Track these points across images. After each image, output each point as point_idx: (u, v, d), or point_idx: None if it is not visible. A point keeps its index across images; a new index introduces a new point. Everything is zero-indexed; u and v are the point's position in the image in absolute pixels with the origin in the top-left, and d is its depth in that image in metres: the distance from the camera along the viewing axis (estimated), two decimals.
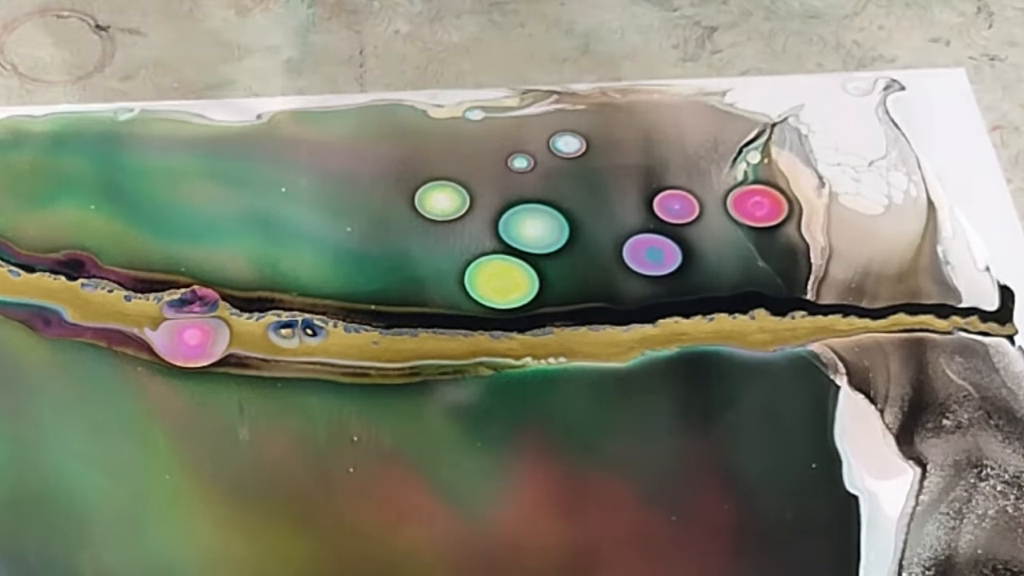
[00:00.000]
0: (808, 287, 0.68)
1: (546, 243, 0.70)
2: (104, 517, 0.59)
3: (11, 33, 0.79)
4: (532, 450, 0.62)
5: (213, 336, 0.66)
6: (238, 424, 0.62)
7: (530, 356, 0.65)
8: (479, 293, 0.68)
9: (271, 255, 0.69)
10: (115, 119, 0.75)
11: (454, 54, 0.78)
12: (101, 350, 0.65)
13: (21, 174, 0.73)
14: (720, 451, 0.61)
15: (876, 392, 0.64)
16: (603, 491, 0.60)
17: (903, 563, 0.58)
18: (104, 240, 0.70)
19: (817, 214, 0.71)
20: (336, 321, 0.66)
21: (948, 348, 0.65)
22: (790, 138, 0.74)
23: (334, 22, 0.80)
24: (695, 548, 0.58)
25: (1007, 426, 0.62)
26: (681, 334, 0.66)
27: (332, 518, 0.59)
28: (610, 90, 0.76)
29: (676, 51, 0.78)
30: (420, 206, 0.71)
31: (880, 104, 0.76)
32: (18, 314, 0.67)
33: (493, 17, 0.80)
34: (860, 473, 0.61)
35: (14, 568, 0.58)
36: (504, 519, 0.59)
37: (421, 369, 0.64)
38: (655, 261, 0.69)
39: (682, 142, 0.74)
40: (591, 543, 0.59)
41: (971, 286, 0.68)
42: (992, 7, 0.81)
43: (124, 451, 0.62)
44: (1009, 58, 0.78)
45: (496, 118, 0.75)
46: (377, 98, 0.76)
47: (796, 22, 0.80)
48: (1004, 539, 0.59)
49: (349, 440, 0.62)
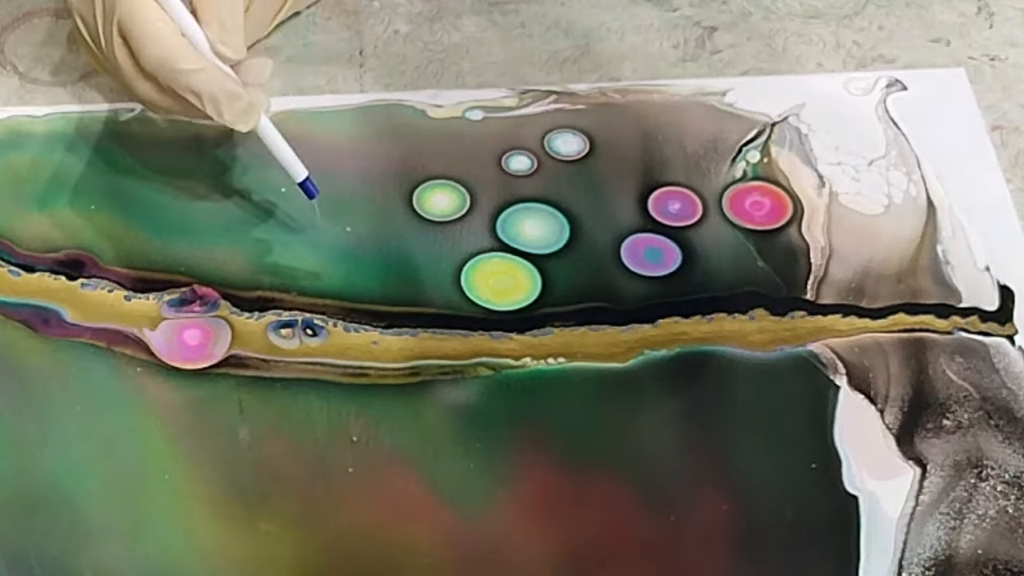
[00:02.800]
0: (808, 287, 0.68)
1: (547, 243, 0.70)
2: (103, 517, 0.59)
3: (11, 33, 0.79)
4: (531, 450, 0.62)
5: (214, 336, 0.66)
6: (238, 424, 0.62)
7: (529, 356, 0.65)
8: (480, 293, 0.68)
9: (271, 255, 0.69)
10: (115, 119, 0.75)
11: (454, 54, 0.78)
12: (100, 350, 0.65)
13: (21, 174, 0.73)
14: (719, 451, 0.61)
15: (876, 392, 0.64)
16: (602, 490, 0.60)
17: (903, 563, 0.58)
18: (104, 240, 0.70)
19: (817, 214, 0.71)
20: (336, 320, 0.66)
21: (948, 348, 0.65)
22: (790, 137, 0.74)
23: (334, 22, 0.80)
24: (694, 548, 0.58)
25: (1007, 426, 0.62)
26: (680, 334, 0.66)
27: (332, 518, 0.59)
28: (610, 90, 0.76)
29: (676, 51, 0.78)
30: (420, 206, 0.71)
31: (880, 103, 0.76)
32: (18, 314, 0.67)
33: (493, 17, 0.80)
34: (860, 473, 0.61)
35: (13, 568, 0.58)
36: (504, 519, 0.59)
37: (421, 369, 0.65)
38: (655, 261, 0.69)
39: (681, 142, 0.74)
40: (590, 543, 0.59)
41: (971, 286, 0.67)
42: (992, 7, 0.81)
43: (123, 451, 0.62)
44: (1009, 58, 0.78)
45: (496, 118, 0.75)
46: (377, 98, 0.76)
47: (796, 22, 0.80)
48: (1004, 539, 0.59)
49: (349, 440, 0.62)
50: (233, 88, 0.64)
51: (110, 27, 0.65)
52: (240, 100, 0.64)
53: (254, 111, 0.64)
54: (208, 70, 0.64)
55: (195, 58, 0.64)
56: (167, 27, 0.64)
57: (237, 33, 0.65)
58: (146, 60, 0.64)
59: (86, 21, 0.67)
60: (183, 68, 0.63)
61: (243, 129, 0.65)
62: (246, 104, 0.64)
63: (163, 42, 0.64)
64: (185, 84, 0.63)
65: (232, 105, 0.64)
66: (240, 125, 0.64)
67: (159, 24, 0.64)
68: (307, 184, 0.68)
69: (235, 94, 0.64)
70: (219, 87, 0.63)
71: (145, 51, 0.64)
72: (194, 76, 0.63)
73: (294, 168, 0.67)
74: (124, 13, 0.64)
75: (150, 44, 0.64)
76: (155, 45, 0.64)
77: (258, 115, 0.65)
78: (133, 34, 0.64)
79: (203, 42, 0.65)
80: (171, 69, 0.63)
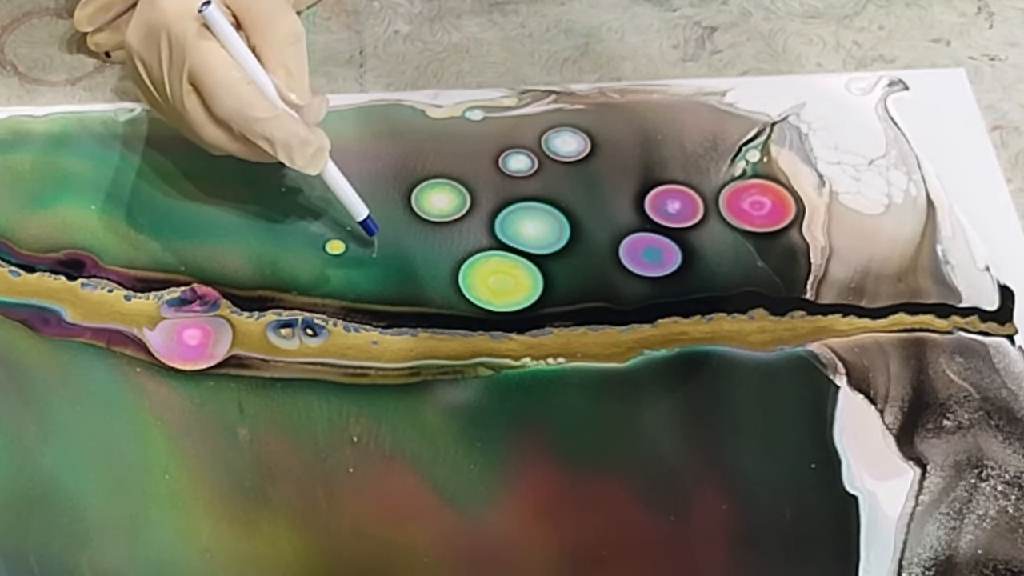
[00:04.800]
0: (808, 287, 0.68)
1: (547, 243, 0.70)
2: (103, 517, 0.59)
3: (11, 33, 0.79)
4: (531, 450, 0.62)
5: (215, 336, 0.66)
6: (238, 424, 0.62)
7: (529, 356, 0.65)
8: (478, 293, 0.68)
9: (271, 254, 0.69)
10: (115, 119, 0.75)
11: (454, 54, 0.78)
12: (100, 350, 0.65)
13: (21, 174, 0.73)
14: (719, 451, 0.61)
15: (876, 392, 0.64)
16: (602, 490, 0.60)
17: (903, 563, 0.58)
18: (104, 240, 0.70)
19: (818, 213, 0.71)
20: (336, 320, 0.66)
21: (948, 348, 0.65)
22: (790, 136, 0.74)
23: (334, 22, 0.80)
24: (694, 548, 0.58)
25: (1007, 426, 0.62)
26: (680, 334, 0.66)
27: (332, 518, 0.59)
28: (609, 90, 0.76)
29: (676, 51, 0.78)
30: (420, 206, 0.71)
31: (880, 103, 0.76)
32: (18, 314, 0.67)
33: (493, 17, 0.80)
34: (860, 473, 0.61)
35: (12, 567, 0.58)
36: (504, 519, 0.59)
37: (421, 369, 0.64)
38: (654, 261, 0.69)
39: (681, 141, 0.74)
40: (590, 542, 0.59)
41: (971, 286, 0.67)
42: (992, 7, 0.81)
43: (123, 451, 0.62)
44: (1009, 58, 0.78)
45: (496, 118, 0.75)
46: (377, 98, 0.76)
47: (796, 22, 0.80)
48: (1004, 539, 0.58)
49: (349, 440, 0.62)
50: (304, 135, 0.65)
51: (179, 75, 0.65)
52: (310, 146, 0.65)
53: (322, 155, 0.66)
54: (281, 117, 0.65)
55: (268, 106, 0.65)
56: (239, 75, 0.64)
57: (303, 78, 0.66)
58: (219, 108, 0.65)
59: (148, 67, 0.67)
60: (258, 117, 0.64)
61: (313, 173, 0.66)
62: (315, 149, 0.66)
63: (237, 90, 0.64)
64: (259, 132, 0.64)
65: (304, 151, 0.65)
66: (311, 169, 0.66)
67: (233, 72, 0.64)
68: (368, 223, 0.69)
69: (306, 140, 0.65)
70: (292, 134, 0.65)
71: (219, 100, 0.64)
72: (268, 124, 0.64)
73: (356, 207, 0.69)
74: (195, 63, 0.64)
75: (224, 93, 0.64)
76: (229, 94, 0.64)
77: (326, 158, 0.67)
78: (206, 84, 0.64)
79: (271, 89, 0.65)
80: (245, 117, 0.64)
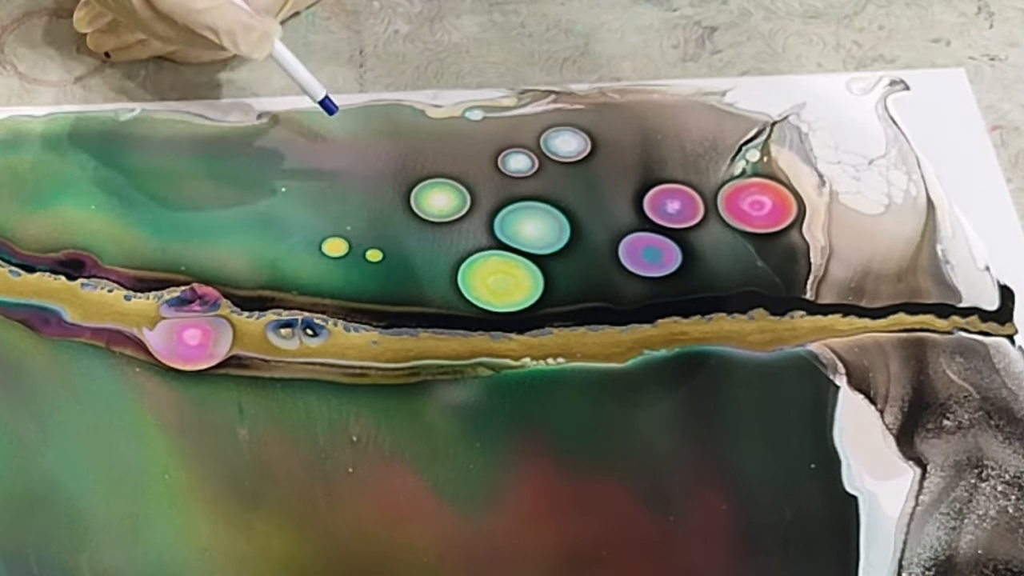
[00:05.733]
0: (808, 286, 0.68)
1: (547, 243, 0.70)
2: (103, 516, 0.59)
3: (11, 33, 0.79)
4: (531, 450, 0.62)
5: (215, 336, 0.66)
6: (237, 424, 0.62)
7: (529, 356, 0.65)
8: (478, 293, 0.68)
9: (271, 254, 0.69)
10: (115, 119, 0.75)
11: (454, 54, 0.78)
12: (100, 350, 0.65)
13: (21, 174, 0.73)
14: (719, 451, 0.61)
15: (876, 392, 0.64)
16: (602, 490, 0.60)
17: (903, 563, 0.58)
18: (104, 240, 0.70)
19: (818, 213, 0.71)
20: (336, 320, 0.66)
21: (948, 348, 0.65)
22: (790, 136, 0.74)
23: (334, 22, 0.80)
24: (693, 548, 0.58)
25: (1007, 426, 0.62)
26: (680, 334, 0.66)
27: (332, 518, 0.59)
28: (609, 90, 0.76)
29: (676, 51, 0.78)
30: (420, 206, 0.71)
31: (880, 102, 0.76)
32: (18, 314, 0.67)
33: (493, 17, 0.80)
34: (860, 473, 0.61)
35: (12, 567, 0.58)
36: (503, 519, 0.59)
37: (421, 369, 0.64)
38: (654, 261, 0.69)
39: (681, 141, 0.74)
40: (590, 542, 0.59)
41: (971, 286, 0.67)
42: (992, 7, 0.81)
43: (123, 451, 0.62)
44: (1009, 58, 0.78)
45: (496, 118, 0.75)
46: (377, 98, 0.76)
47: (796, 22, 0.80)
48: (1005, 539, 0.58)
49: (349, 440, 0.62)
50: (247, 21, 0.67)
51: None
52: (254, 31, 0.67)
53: (268, 39, 0.68)
54: (223, 6, 0.66)
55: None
56: None
57: None
58: (161, 3, 0.66)
59: None
60: (199, 8, 0.66)
61: (259, 57, 0.68)
62: (260, 34, 0.67)
63: None
64: (202, 23, 0.66)
65: (248, 37, 0.67)
66: (256, 54, 0.68)
67: None
68: (327, 102, 0.71)
69: (249, 26, 0.67)
70: (234, 20, 0.66)
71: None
72: (209, 15, 0.66)
73: (312, 87, 0.71)
74: None
75: None
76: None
77: (271, 43, 0.68)
78: None
79: None
80: (188, 9, 0.66)
